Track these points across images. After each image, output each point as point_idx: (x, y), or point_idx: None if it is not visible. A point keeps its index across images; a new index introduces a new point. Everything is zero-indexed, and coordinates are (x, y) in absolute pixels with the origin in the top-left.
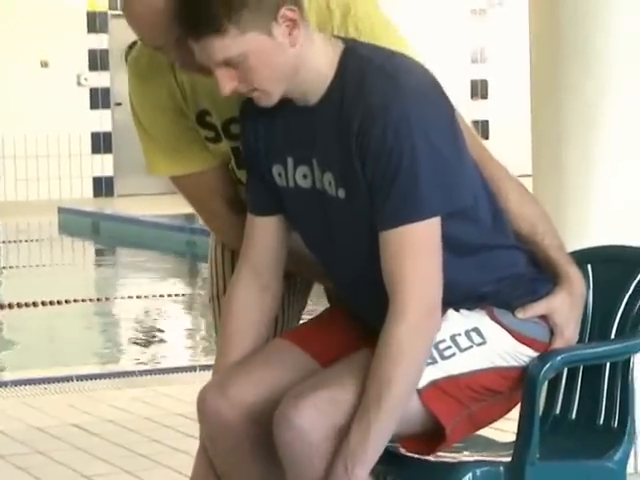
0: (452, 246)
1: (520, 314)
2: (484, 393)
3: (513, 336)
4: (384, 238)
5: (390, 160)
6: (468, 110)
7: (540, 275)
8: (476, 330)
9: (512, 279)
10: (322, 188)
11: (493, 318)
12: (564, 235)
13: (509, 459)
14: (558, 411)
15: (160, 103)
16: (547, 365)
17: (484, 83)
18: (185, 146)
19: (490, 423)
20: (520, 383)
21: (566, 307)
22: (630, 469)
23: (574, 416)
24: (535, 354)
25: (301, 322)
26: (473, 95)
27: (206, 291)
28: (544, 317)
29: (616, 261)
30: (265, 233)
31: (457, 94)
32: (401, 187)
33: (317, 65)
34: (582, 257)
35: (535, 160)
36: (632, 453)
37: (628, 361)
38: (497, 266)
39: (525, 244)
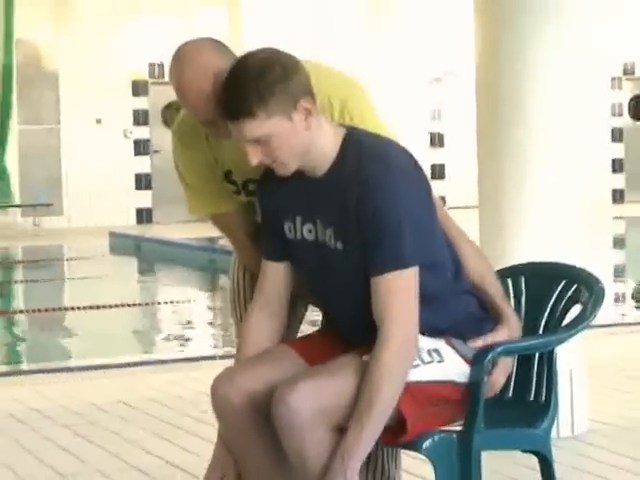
0: (422, 295)
1: (471, 344)
2: (439, 399)
3: (465, 360)
4: (374, 282)
5: (380, 222)
6: (428, 156)
7: (486, 316)
8: (436, 351)
9: (465, 318)
10: (323, 241)
11: (449, 344)
12: (502, 252)
13: (461, 428)
14: (499, 390)
15: (197, 163)
16: (490, 354)
17: (440, 135)
18: (216, 193)
19: (441, 425)
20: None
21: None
22: (553, 435)
23: (511, 394)
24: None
25: (299, 334)
26: (432, 144)
27: (229, 298)
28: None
29: (543, 274)
30: (275, 274)
31: (419, 144)
32: (388, 243)
33: (324, 146)
34: (516, 271)
35: (480, 193)
36: (555, 422)
37: (552, 351)
38: (455, 308)
39: (475, 291)
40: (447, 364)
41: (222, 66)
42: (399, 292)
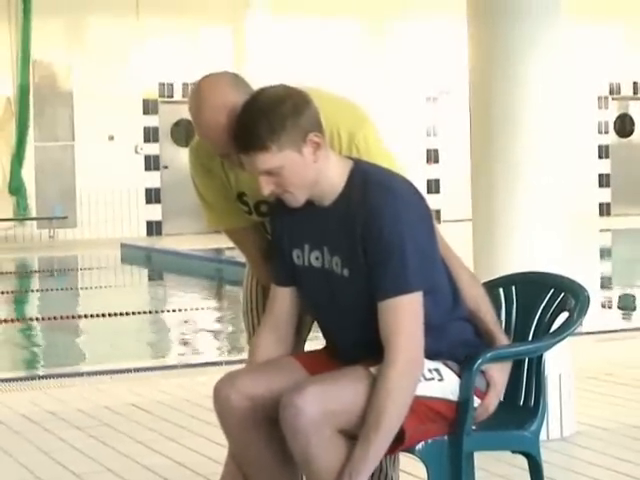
0: (424, 322)
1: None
2: (436, 415)
3: (460, 378)
4: (381, 306)
5: (385, 249)
6: (424, 171)
7: (481, 341)
8: (437, 370)
9: (461, 344)
10: (330, 268)
11: (447, 366)
12: (494, 262)
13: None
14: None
15: (213, 182)
16: (480, 359)
17: (436, 151)
18: (231, 211)
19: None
20: None
21: (499, 366)
22: (543, 437)
23: (501, 397)
24: (476, 398)
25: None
26: (428, 160)
27: (242, 309)
28: (482, 372)
29: (533, 283)
30: (284, 299)
31: (416, 159)
32: (393, 268)
33: (332, 177)
34: (508, 280)
35: (474, 207)
36: (544, 424)
37: (541, 357)
38: (453, 334)
39: (471, 317)
40: (446, 383)
41: (237, 101)
42: (404, 315)
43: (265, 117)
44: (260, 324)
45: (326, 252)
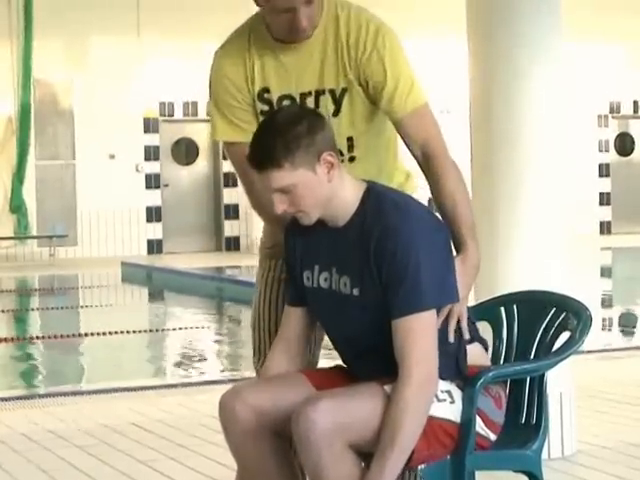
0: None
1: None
2: (445, 437)
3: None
4: (395, 324)
5: (400, 267)
6: (425, 188)
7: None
8: (449, 392)
9: (455, 362)
10: (338, 289)
11: (458, 387)
12: (495, 280)
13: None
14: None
15: (235, 84)
16: (482, 379)
17: None
18: (245, 122)
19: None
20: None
21: (459, 272)
22: (544, 456)
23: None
24: (480, 420)
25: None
26: None
27: (250, 323)
28: (498, 400)
29: (534, 301)
30: (295, 319)
31: (418, 175)
32: (407, 286)
33: (345, 197)
34: (509, 299)
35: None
36: (545, 443)
37: (542, 376)
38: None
39: (445, 219)
40: (457, 406)
41: None
42: (419, 333)
43: (281, 136)
44: (272, 344)
45: (334, 272)
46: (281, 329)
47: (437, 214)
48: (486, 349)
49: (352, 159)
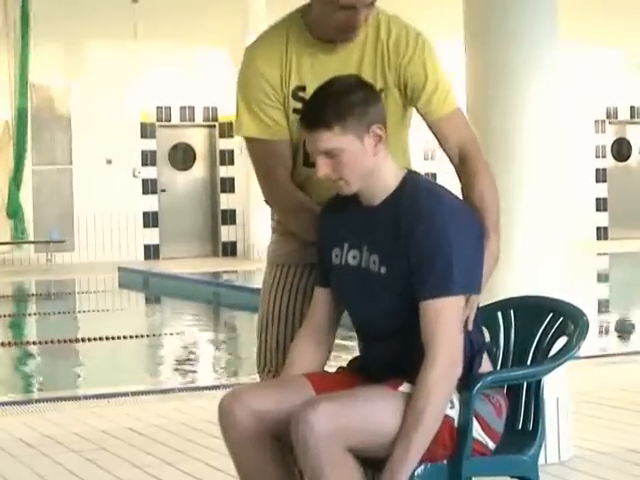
0: None
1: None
2: (447, 437)
3: (475, 418)
4: (423, 306)
5: (432, 249)
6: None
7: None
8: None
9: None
10: (367, 267)
11: (457, 389)
12: (493, 286)
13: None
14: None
15: (267, 83)
16: (479, 383)
17: (434, 175)
18: (268, 117)
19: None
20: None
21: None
22: (541, 461)
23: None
24: (477, 424)
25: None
26: None
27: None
28: (499, 408)
29: (531, 307)
30: (323, 301)
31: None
32: (439, 270)
33: (385, 177)
34: (506, 304)
35: None
36: (542, 449)
37: (539, 381)
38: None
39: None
40: (455, 411)
41: None
42: (447, 316)
43: (335, 100)
44: (298, 332)
45: (365, 250)
46: (310, 312)
47: None
48: (490, 353)
49: None
